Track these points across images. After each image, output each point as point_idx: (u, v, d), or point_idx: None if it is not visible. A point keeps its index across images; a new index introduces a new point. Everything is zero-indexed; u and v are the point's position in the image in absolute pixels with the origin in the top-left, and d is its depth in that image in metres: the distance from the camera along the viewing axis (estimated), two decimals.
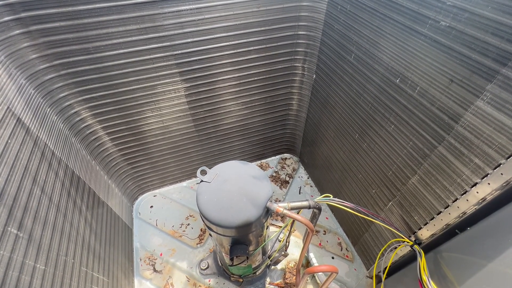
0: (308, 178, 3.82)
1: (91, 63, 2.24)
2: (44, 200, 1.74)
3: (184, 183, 3.77)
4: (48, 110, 2.15)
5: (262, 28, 2.57)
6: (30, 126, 1.83)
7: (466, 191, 1.48)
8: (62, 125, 2.29)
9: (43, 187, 1.77)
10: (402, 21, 1.67)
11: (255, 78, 2.95)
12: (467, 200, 1.47)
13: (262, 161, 4.07)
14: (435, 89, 1.56)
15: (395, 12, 1.72)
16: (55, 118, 2.22)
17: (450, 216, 1.61)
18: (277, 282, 2.80)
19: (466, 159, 1.45)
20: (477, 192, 1.41)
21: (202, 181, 1.91)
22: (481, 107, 1.32)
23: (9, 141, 1.59)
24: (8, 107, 1.67)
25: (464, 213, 1.52)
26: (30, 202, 1.61)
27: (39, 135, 1.90)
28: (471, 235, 1.52)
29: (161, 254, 3.01)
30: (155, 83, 2.58)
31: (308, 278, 2.78)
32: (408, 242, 1.91)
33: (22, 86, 1.90)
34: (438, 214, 1.70)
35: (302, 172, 3.91)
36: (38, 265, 1.51)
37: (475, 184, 1.42)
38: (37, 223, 1.61)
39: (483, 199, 1.39)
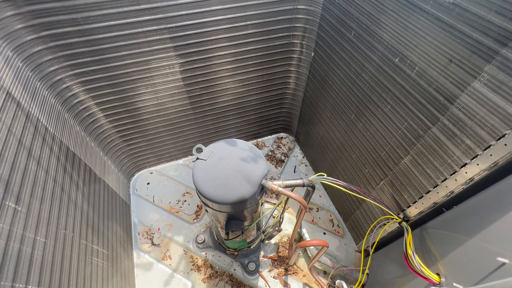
0: (303, 157, 3.87)
1: (81, 35, 2.14)
2: (40, 174, 1.74)
3: (180, 161, 3.80)
4: (38, 84, 2.09)
5: (260, 1, 2.45)
6: (20, 101, 1.78)
7: (456, 171, 1.52)
8: (54, 100, 2.23)
9: (39, 161, 1.76)
10: None
11: (252, 55, 2.87)
12: (456, 180, 1.52)
13: (258, 140, 4.08)
14: (433, 69, 1.54)
15: None
16: (46, 93, 2.16)
17: (438, 195, 1.67)
18: (271, 255, 2.93)
19: (458, 140, 1.48)
20: (466, 172, 1.45)
21: (198, 158, 1.92)
22: (477, 89, 1.32)
23: (0, 116, 1.56)
24: None
25: (452, 192, 1.58)
26: (27, 176, 1.62)
27: (30, 110, 1.86)
28: (457, 213, 1.59)
29: (158, 229, 3.11)
30: (149, 58, 2.50)
31: (300, 252, 2.92)
32: (396, 219, 1.99)
33: (9, 58, 1.82)
34: (427, 193, 1.77)
35: (297, 152, 3.95)
36: (38, 238, 1.55)
37: (465, 165, 1.46)
38: (34, 197, 1.63)
39: (471, 179, 1.44)
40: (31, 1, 1.87)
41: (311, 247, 2.80)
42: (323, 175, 1.97)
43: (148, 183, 3.55)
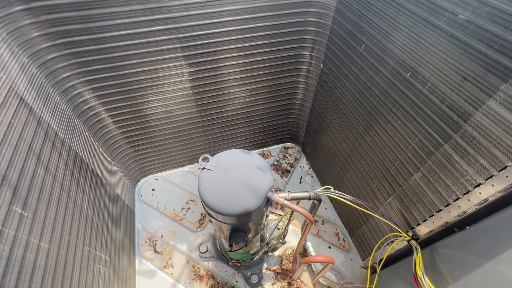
0: (310, 168, 3.82)
1: (94, 44, 2.19)
2: (48, 180, 1.76)
3: (186, 168, 3.80)
4: (51, 90, 2.13)
5: (271, 13, 2.47)
6: (33, 106, 1.82)
7: (469, 191, 1.47)
8: (65, 106, 2.27)
9: (47, 167, 1.78)
10: (418, 12, 1.60)
11: (261, 65, 2.89)
12: (469, 200, 1.47)
13: (264, 149, 4.07)
14: (446, 86, 1.51)
15: (411, 2, 1.64)
16: (58, 98, 2.20)
17: (450, 215, 1.61)
18: (274, 268, 2.87)
19: (472, 159, 1.43)
20: (480, 193, 1.40)
21: (204, 168, 1.91)
22: (493, 108, 1.29)
23: (12, 121, 1.59)
24: (11, 86, 1.66)
25: (464, 212, 1.52)
26: (34, 181, 1.63)
27: (42, 115, 1.89)
28: (470, 234, 1.53)
29: (161, 236, 3.09)
30: (159, 66, 2.53)
31: (305, 266, 2.85)
32: (405, 237, 1.93)
33: (24, 65, 1.87)
34: (438, 212, 1.71)
35: (303, 162, 3.91)
36: (42, 244, 1.55)
37: (479, 185, 1.41)
38: (41, 203, 1.64)
39: (485, 200, 1.39)
40: (49, 10, 1.92)
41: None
42: (330, 188, 1.93)
43: (153, 189, 3.56)
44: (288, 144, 4.15)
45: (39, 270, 1.47)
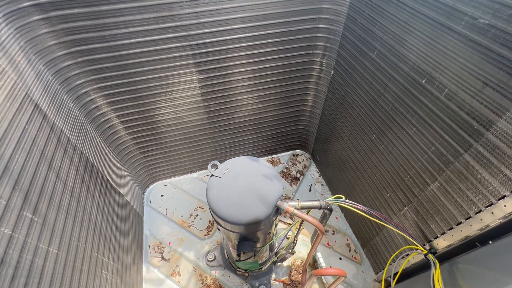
0: (320, 176, 3.75)
1: (108, 51, 2.24)
2: (59, 185, 1.77)
3: (195, 174, 3.79)
4: (65, 96, 2.18)
5: (281, 20, 2.47)
6: (47, 112, 1.85)
7: (492, 204, 1.38)
8: (78, 112, 2.32)
9: (58, 172, 1.80)
10: (434, 17, 1.55)
11: (271, 72, 2.88)
12: (492, 213, 1.38)
13: (274, 156, 4.02)
14: (465, 93, 1.45)
15: (426, 7, 1.59)
16: (71, 105, 2.25)
17: (471, 228, 1.52)
18: (283, 278, 2.79)
19: (495, 169, 1.35)
20: (505, 206, 1.31)
21: (212, 175, 1.89)
22: None
23: (26, 127, 1.62)
24: (26, 93, 1.70)
25: (487, 226, 1.43)
26: (46, 187, 1.64)
27: (55, 121, 1.92)
28: (493, 250, 1.43)
29: (169, 243, 3.06)
30: (170, 73, 2.56)
31: (315, 278, 2.75)
32: (422, 251, 1.83)
33: (40, 72, 1.92)
34: (457, 225, 1.62)
35: (313, 170, 3.84)
36: (51, 249, 1.55)
37: (503, 197, 1.32)
38: (51, 208, 1.65)
39: (511, 213, 1.30)
40: (65, 20, 1.98)
41: None
42: (341, 198, 1.86)
43: (162, 195, 3.56)
44: (298, 151, 4.09)
45: (47, 276, 1.47)
